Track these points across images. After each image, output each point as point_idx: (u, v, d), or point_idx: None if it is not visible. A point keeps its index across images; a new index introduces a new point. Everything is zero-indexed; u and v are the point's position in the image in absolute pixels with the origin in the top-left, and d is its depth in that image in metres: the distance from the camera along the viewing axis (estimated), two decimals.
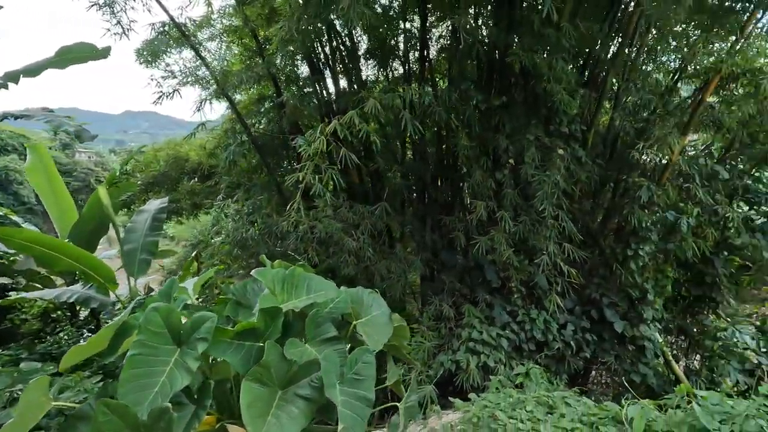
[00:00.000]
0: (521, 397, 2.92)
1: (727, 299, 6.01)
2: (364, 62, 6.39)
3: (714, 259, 5.82)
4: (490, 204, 4.68)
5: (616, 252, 5.15)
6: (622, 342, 5.17)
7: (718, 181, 5.60)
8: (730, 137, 6.30)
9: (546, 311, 5.07)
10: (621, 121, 5.43)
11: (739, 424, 1.69)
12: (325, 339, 1.95)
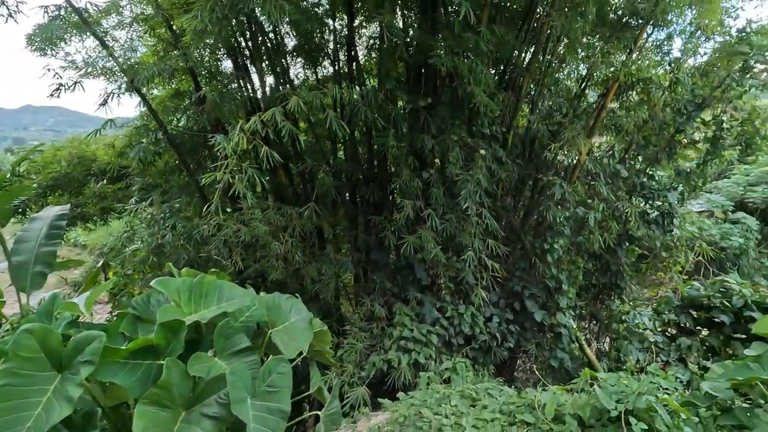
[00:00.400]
0: (446, 392, 2.97)
1: (629, 285, 6.68)
2: (292, 60, 6.21)
3: (617, 249, 6.44)
4: (418, 203, 4.76)
5: (535, 246, 5.48)
6: (542, 330, 5.53)
7: (619, 179, 6.20)
8: (628, 139, 7.01)
9: (473, 306, 5.27)
10: (537, 123, 5.79)
11: (631, 402, 1.85)
12: (236, 351, 1.82)
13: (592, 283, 6.97)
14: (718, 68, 6.49)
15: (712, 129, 6.20)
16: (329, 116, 4.00)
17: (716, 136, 6.15)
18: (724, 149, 6.31)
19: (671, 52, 7.01)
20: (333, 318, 5.62)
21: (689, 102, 6.30)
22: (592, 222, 5.38)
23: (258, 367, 1.78)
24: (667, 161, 6.56)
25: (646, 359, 5.39)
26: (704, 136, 6.32)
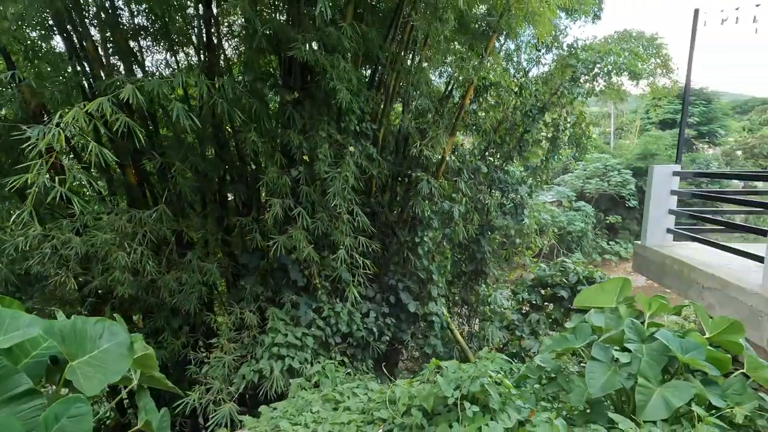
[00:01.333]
0: (310, 399, 2.85)
1: (492, 270, 7.39)
2: (143, 45, 5.45)
3: (480, 238, 7.06)
4: (287, 201, 4.55)
5: (407, 240, 5.69)
6: (416, 320, 5.78)
7: (480, 174, 6.78)
8: (487, 139, 7.72)
9: (352, 303, 5.27)
10: (408, 122, 6.00)
11: (467, 387, 1.95)
12: (11, 397, 1.45)
13: (462, 271, 7.55)
14: (555, 77, 7.51)
15: (551, 130, 7.15)
16: (176, 108, 3.56)
17: (554, 136, 7.11)
18: (561, 148, 7.33)
19: (520, 62, 7.93)
20: (199, 332, 5.12)
21: (533, 106, 7.17)
22: (456, 215, 5.78)
23: (40, 413, 1.44)
24: (518, 158, 7.38)
25: (505, 336, 6.01)
26: (545, 137, 7.25)
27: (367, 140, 5.44)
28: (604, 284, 2.92)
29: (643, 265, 5.35)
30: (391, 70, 5.51)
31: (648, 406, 1.97)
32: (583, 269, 6.28)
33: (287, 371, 4.41)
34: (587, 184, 26.12)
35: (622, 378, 2.08)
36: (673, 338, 2.15)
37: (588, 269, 6.30)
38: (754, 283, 3.61)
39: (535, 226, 16.52)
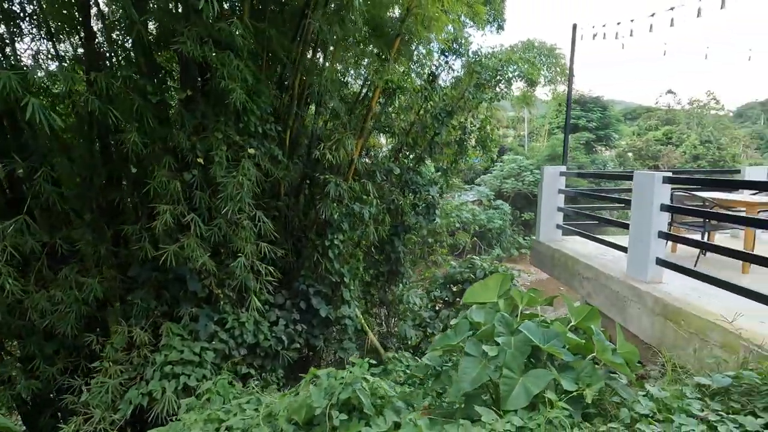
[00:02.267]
0: (189, 422, 2.64)
1: (408, 270, 7.53)
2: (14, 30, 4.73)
3: (395, 239, 7.16)
4: (179, 208, 4.22)
5: (318, 244, 5.58)
6: (329, 325, 5.69)
7: (392, 176, 6.87)
8: (401, 141, 7.86)
9: (260, 312, 5.05)
10: (318, 123, 5.89)
11: (336, 395, 1.91)
12: None
13: (380, 272, 7.60)
14: (463, 83, 7.86)
15: (458, 133, 7.46)
16: (31, 104, 3.12)
17: (461, 139, 7.43)
18: (469, 150, 7.68)
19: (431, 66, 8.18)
20: (81, 355, 4.57)
21: (442, 110, 7.43)
22: (366, 216, 5.79)
23: None
24: (430, 160, 7.61)
25: (418, 335, 6.14)
26: (454, 139, 7.56)
27: (272, 142, 5.26)
28: (488, 280, 3.05)
29: (538, 259, 5.76)
30: (297, 71, 5.37)
31: (511, 396, 2.08)
32: (489, 265, 6.64)
33: (183, 391, 4.09)
34: (504, 183, 27.90)
35: (490, 371, 2.18)
36: (537, 329, 2.29)
37: (493, 264, 6.67)
38: (620, 272, 4.02)
39: (457, 224, 17.13)
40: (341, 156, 5.17)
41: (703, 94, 50.02)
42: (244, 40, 4.22)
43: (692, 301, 3.19)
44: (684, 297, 3.29)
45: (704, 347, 2.82)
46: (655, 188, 3.54)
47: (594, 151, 35.79)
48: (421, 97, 7.68)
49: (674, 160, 38.67)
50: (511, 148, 34.17)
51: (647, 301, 3.44)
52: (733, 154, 41.16)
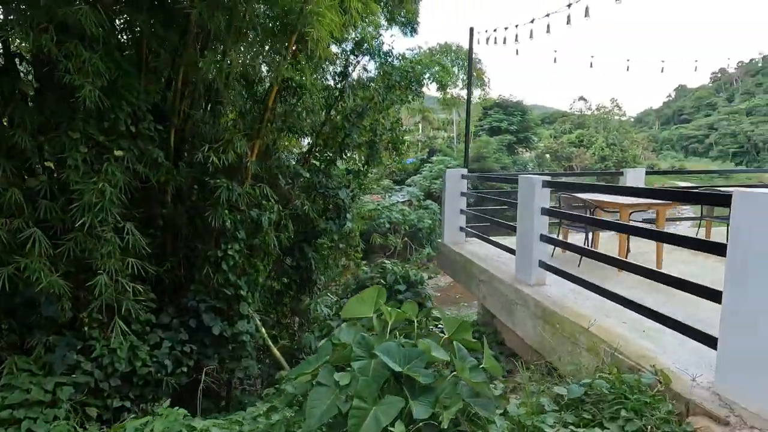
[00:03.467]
0: None
1: (320, 277, 7.22)
2: None
3: (304, 246, 6.82)
4: (17, 221, 3.55)
5: (210, 255, 5.09)
6: (225, 343, 5.21)
7: (299, 179, 6.53)
8: (310, 142, 7.53)
9: (137, 335, 4.47)
10: (206, 123, 5.38)
11: None
12: None
13: (293, 280, 7.22)
14: (376, 83, 7.71)
15: (369, 135, 7.30)
16: None
17: (372, 140, 7.27)
18: (381, 152, 7.55)
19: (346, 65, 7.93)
20: None
21: (352, 110, 7.22)
22: (266, 223, 5.39)
23: None
24: (341, 162, 7.36)
25: None
26: (366, 141, 7.38)
27: (151, 143, 4.69)
28: (364, 294, 2.85)
29: (442, 262, 5.74)
30: (179, 65, 4.84)
31: (362, 429, 1.87)
32: (400, 269, 6.53)
33: None
34: (433, 184, 28.54)
35: (341, 402, 1.96)
36: (398, 350, 2.11)
37: (405, 268, 6.57)
38: (510, 275, 4.04)
39: (387, 225, 17.02)
40: (230, 158, 4.74)
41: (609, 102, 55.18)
42: (104, 30, 3.66)
43: (568, 304, 3.24)
44: (562, 300, 3.34)
45: (574, 351, 2.85)
46: (536, 192, 3.58)
47: (516, 153, 37.93)
48: (331, 97, 7.42)
49: (586, 161, 42.24)
50: (441, 150, 35.12)
51: (530, 305, 3.46)
52: (634, 155, 45.92)
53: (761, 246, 1.78)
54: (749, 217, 1.83)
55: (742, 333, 1.87)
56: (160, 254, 5.27)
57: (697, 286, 2.19)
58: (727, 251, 1.93)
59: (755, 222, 1.80)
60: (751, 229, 1.82)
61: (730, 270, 1.92)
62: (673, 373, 2.20)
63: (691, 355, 2.35)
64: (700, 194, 2.37)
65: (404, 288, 6.33)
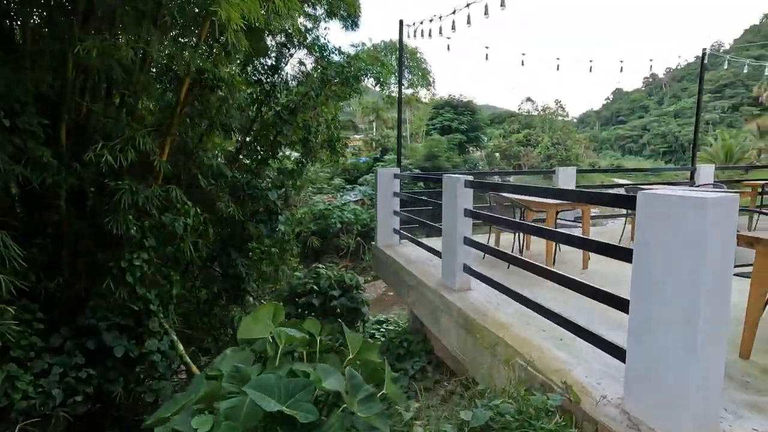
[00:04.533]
0: None
1: (252, 285, 6.74)
2: None
3: (232, 252, 6.33)
4: None
5: (112, 266, 4.51)
6: (132, 364, 4.66)
7: (224, 179, 6.03)
8: (240, 140, 7.02)
9: (18, 363, 3.84)
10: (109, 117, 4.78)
11: None
12: None
13: (224, 288, 6.69)
14: (311, 79, 7.33)
15: (303, 133, 6.90)
16: None
17: (306, 138, 6.88)
18: (317, 150, 7.17)
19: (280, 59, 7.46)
20: None
21: (284, 107, 6.80)
22: (181, 229, 4.88)
23: None
24: (273, 161, 6.92)
25: None
26: (300, 139, 6.98)
27: (34, 140, 4.07)
28: (258, 311, 2.51)
29: (376, 266, 5.48)
30: (64, 50, 4.23)
31: None
32: (336, 273, 6.20)
33: None
34: None
35: None
36: (277, 383, 1.79)
37: (340, 272, 6.25)
38: (436, 279, 3.83)
39: (338, 225, 16.51)
40: (130, 157, 4.21)
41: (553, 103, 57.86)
42: None
43: (490, 311, 3.06)
44: (484, 306, 3.16)
45: (492, 363, 2.66)
46: (459, 192, 3.38)
47: (467, 152, 38.66)
48: (262, 92, 6.95)
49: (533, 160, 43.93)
50: (393, 148, 35.06)
51: (453, 312, 3.25)
52: (577, 153, 48.35)
53: (663, 251, 1.63)
54: (652, 220, 1.67)
55: (647, 345, 1.72)
56: (52, 267, 4.63)
57: (603, 293, 2.04)
58: (633, 256, 1.78)
59: (657, 225, 1.65)
60: (654, 232, 1.66)
61: (636, 277, 1.76)
62: (585, 389, 2.03)
63: (606, 366, 2.22)
64: (605, 195, 2.23)
65: (339, 293, 6.02)
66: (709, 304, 1.54)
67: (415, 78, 12.83)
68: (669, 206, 1.61)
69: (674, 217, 1.59)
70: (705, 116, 54.32)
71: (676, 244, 1.59)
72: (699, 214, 1.51)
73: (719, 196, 1.51)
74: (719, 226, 1.52)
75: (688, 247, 1.55)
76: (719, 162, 32.34)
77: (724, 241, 1.55)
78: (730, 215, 1.53)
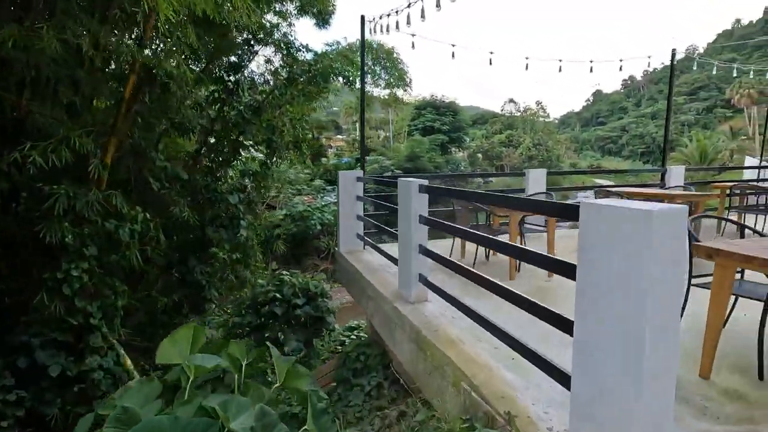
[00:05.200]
0: None
1: (213, 293, 6.42)
2: None
3: (190, 258, 6.00)
4: None
5: (46, 278, 4.16)
6: (70, 384, 4.31)
7: (177, 183, 5.70)
8: (200, 140, 6.69)
9: None
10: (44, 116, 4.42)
11: None
12: None
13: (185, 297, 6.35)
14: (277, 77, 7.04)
15: (267, 133, 6.61)
16: None
17: (270, 138, 6.59)
18: (281, 151, 6.88)
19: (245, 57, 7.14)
20: None
21: (247, 106, 6.50)
22: (126, 236, 4.55)
23: None
24: (236, 162, 6.61)
25: None
26: (263, 139, 6.68)
27: None
28: (176, 333, 2.24)
29: (338, 274, 5.24)
30: None
31: None
32: (301, 280, 5.93)
33: None
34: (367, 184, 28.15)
35: None
36: (168, 426, 1.54)
37: (305, 279, 5.97)
38: (393, 289, 3.61)
39: (318, 227, 16.16)
40: (64, 158, 3.87)
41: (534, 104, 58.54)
42: None
43: (442, 326, 2.84)
44: (437, 320, 2.94)
45: (442, 385, 2.45)
46: (413, 198, 3.16)
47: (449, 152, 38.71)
48: (224, 90, 6.64)
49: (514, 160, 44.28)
50: (374, 149, 34.85)
51: (406, 326, 3.03)
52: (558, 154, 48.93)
53: (606, 268, 1.43)
54: (595, 234, 1.47)
55: (591, 374, 1.52)
56: None
57: (546, 311, 1.84)
58: (576, 273, 1.58)
59: (600, 239, 1.45)
60: (596, 247, 1.47)
61: (579, 296, 1.56)
62: (531, 419, 1.83)
63: (557, 393, 2.01)
64: (547, 204, 2.04)
65: (303, 302, 5.75)
66: (656, 330, 1.35)
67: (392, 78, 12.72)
68: (612, 218, 1.41)
69: (618, 230, 1.39)
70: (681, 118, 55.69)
71: (619, 260, 1.40)
72: (644, 228, 1.32)
73: (666, 208, 1.32)
74: (667, 241, 1.33)
75: (633, 264, 1.36)
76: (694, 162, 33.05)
77: (674, 257, 1.37)
78: (678, 228, 1.34)
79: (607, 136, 64.52)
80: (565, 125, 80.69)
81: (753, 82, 45.45)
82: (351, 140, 38.60)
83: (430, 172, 30.80)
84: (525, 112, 55.36)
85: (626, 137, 60.98)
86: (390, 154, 32.71)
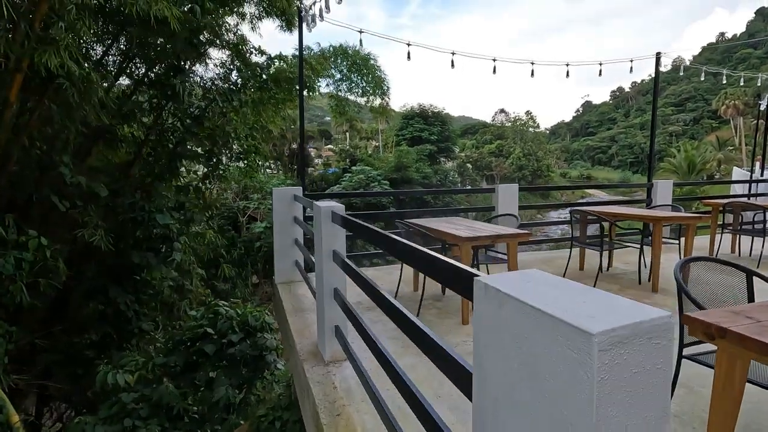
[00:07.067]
0: None
1: (140, 326, 5.62)
2: None
3: (110, 288, 5.22)
4: None
5: None
6: None
7: (98, 200, 4.94)
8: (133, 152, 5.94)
9: None
10: None
11: None
12: None
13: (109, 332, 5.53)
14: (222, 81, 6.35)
15: (208, 144, 5.89)
16: None
17: (211, 150, 5.87)
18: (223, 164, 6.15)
19: None
20: None
21: (186, 113, 5.78)
22: (10, 268, 3.77)
23: None
24: (171, 177, 5.86)
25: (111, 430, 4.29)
26: (203, 150, 5.96)
27: None
28: None
29: (275, 307, 4.48)
30: None
31: None
32: (239, 312, 5.15)
33: None
34: None
35: None
36: None
37: (245, 311, 5.18)
38: (309, 342, 2.86)
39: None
40: None
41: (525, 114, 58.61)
42: None
43: (350, 406, 2.10)
44: (348, 395, 2.20)
45: None
46: (323, 228, 2.44)
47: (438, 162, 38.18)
48: (160, 96, 5.92)
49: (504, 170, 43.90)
50: (362, 159, 34.23)
51: (310, 398, 2.29)
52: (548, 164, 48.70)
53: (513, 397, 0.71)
54: (491, 334, 0.76)
55: None
56: None
57: (449, 359, 1.12)
58: (472, 383, 0.86)
59: (499, 350, 0.73)
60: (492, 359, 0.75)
61: (476, 412, 0.85)
62: None
63: None
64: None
65: (239, 338, 4.97)
66: None
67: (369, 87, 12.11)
68: (526, 327, 0.70)
69: (538, 354, 0.68)
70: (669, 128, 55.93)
71: (540, 398, 0.69)
72: (580, 362, 0.61)
73: (626, 327, 0.61)
74: (618, 382, 0.62)
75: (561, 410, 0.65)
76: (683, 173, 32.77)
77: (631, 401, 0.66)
78: (648, 360, 0.63)
79: (597, 146, 64.67)
80: (556, 135, 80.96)
81: (738, 93, 45.79)
82: (338, 150, 38.00)
83: (417, 182, 30.17)
84: (515, 122, 55.23)
85: (615, 147, 61.15)
86: (377, 164, 32.05)
